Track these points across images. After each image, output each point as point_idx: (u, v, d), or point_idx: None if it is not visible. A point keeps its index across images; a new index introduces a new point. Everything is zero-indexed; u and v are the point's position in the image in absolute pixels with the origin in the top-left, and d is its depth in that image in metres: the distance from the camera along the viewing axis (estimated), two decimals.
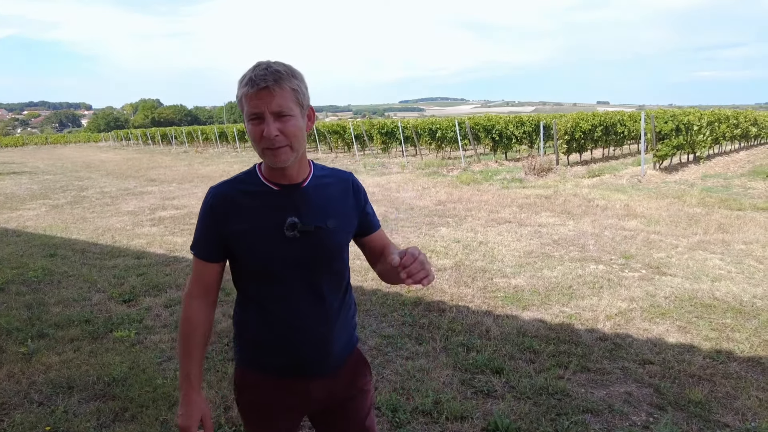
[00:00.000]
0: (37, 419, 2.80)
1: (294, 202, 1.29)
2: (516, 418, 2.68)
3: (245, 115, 1.21)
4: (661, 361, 3.27)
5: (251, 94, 1.17)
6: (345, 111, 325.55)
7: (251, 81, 1.17)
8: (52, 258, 6.24)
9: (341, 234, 1.35)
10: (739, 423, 2.61)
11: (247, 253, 1.29)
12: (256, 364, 1.38)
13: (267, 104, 1.17)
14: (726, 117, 15.45)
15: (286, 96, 1.18)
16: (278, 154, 1.21)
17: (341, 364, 1.41)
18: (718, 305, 4.14)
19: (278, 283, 1.30)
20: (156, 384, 3.13)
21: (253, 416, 1.43)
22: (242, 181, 1.32)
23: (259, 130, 1.19)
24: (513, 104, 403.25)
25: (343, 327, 1.40)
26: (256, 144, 1.22)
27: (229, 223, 1.28)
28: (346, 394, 1.44)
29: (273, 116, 1.18)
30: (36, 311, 4.43)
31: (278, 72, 1.17)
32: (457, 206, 8.88)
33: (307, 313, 1.32)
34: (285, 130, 1.19)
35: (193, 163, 21.10)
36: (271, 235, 1.27)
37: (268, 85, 1.16)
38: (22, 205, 11.01)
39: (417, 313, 4.17)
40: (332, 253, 1.33)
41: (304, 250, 1.28)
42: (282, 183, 1.29)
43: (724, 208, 7.99)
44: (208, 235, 1.32)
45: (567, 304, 4.29)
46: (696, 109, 15.47)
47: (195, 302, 1.36)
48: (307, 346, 1.33)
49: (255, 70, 1.18)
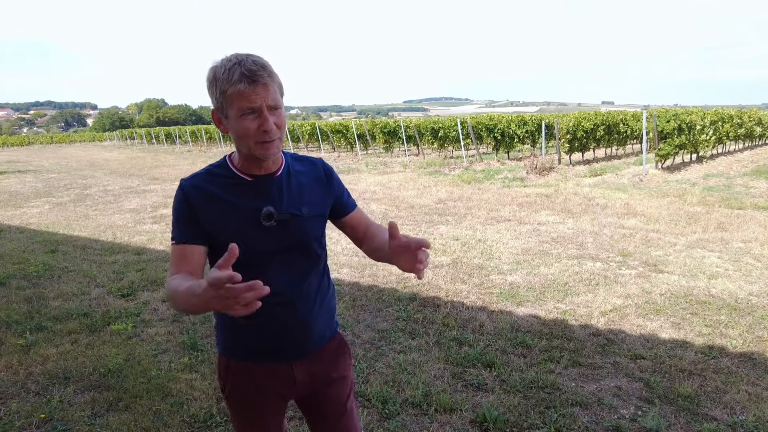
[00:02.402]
0: (32, 408, 2.84)
1: (269, 191, 1.31)
2: (505, 410, 2.70)
3: (235, 110, 1.19)
4: (653, 356, 3.28)
5: (246, 90, 1.16)
6: (349, 111, 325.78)
7: (245, 77, 1.16)
8: (53, 254, 6.31)
9: (316, 220, 1.38)
10: (727, 416, 2.62)
11: (225, 245, 1.29)
12: (238, 351, 1.41)
13: (264, 98, 1.18)
14: (730, 116, 15.38)
15: (276, 89, 1.21)
16: (272, 146, 1.24)
17: (322, 346, 1.44)
18: (713, 302, 4.14)
19: (257, 270, 1.31)
20: (150, 375, 3.16)
21: (239, 403, 1.45)
22: (215, 173, 1.32)
23: (255, 125, 1.20)
24: (517, 104, 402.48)
25: (322, 309, 1.42)
26: (248, 139, 1.21)
27: (206, 212, 1.28)
28: (328, 377, 1.47)
29: (269, 110, 1.20)
30: (35, 305, 4.48)
31: (267, 67, 1.20)
32: (458, 204, 8.89)
33: (287, 297, 1.34)
34: (278, 123, 1.22)
35: (197, 162, 21.20)
36: (248, 225, 1.28)
37: (265, 80, 1.18)
38: (26, 202, 11.11)
39: (412, 308, 4.19)
40: (309, 238, 1.36)
41: (282, 238, 1.31)
42: (256, 174, 1.31)
43: (725, 206, 7.96)
44: (186, 221, 1.29)
45: (562, 300, 4.30)
46: (699, 109, 15.40)
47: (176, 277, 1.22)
48: (287, 328, 1.36)
49: (242, 65, 1.17)
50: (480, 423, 2.60)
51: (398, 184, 11.77)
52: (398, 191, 10.77)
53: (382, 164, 16.41)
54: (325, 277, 1.45)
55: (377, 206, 9.00)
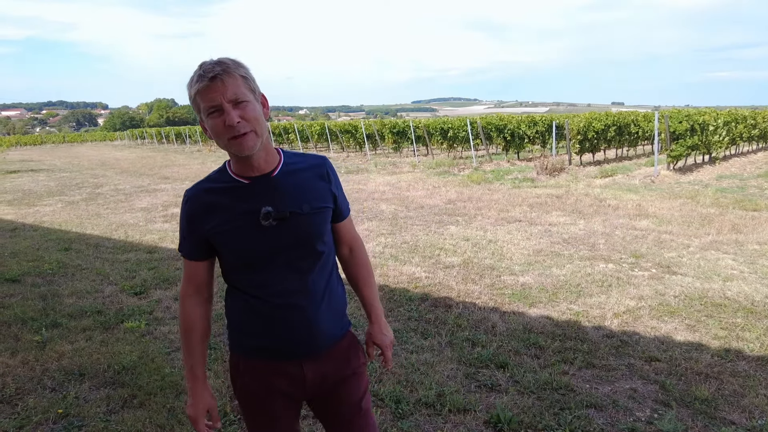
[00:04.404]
0: (49, 404, 2.87)
1: (266, 192, 1.30)
2: (519, 411, 2.68)
3: (203, 112, 1.22)
4: (668, 358, 3.24)
5: (203, 89, 1.19)
6: (357, 111, 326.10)
7: (201, 76, 1.19)
8: (66, 252, 6.37)
9: (319, 216, 1.36)
10: (745, 420, 2.59)
11: (228, 248, 1.32)
12: (248, 349, 1.41)
13: (222, 94, 1.19)
14: (743, 117, 15.18)
15: (238, 83, 1.21)
16: (244, 140, 1.22)
17: (332, 344, 1.42)
18: (728, 304, 4.09)
19: (262, 271, 1.33)
20: (164, 373, 3.18)
21: (250, 402, 1.44)
22: (214, 180, 1.34)
23: (221, 122, 1.20)
24: (527, 105, 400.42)
25: (330, 308, 1.40)
26: (221, 137, 1.23)
27: (206, 223, 1.31)
28: (339, 377, 1.45)
29: (231, 104, 1.20)
30: (50, 302, 4.53)
31: (224, 63, 1.21)
32: (467, 205, 8.86)
33: (292, 296, 1.34)
34: (245, 116, 1.21)
35: (207, 161, 21.32)
36: (248, 228, 1.29)
37: (219, 75, 1.18)
38: (39, 201, 11.24)
39: (423, 308, 4.19)
40: (311, 236, 1.35)
41: (283, 236, 1.30)
42: (251, 175, 1.31)
43: (739, 208, 7.87)
44: (189, 236, 1.36)
45: (574, 301, 4.27)
46: (712, 109, 15.22)
47: (189, 300, 1.41)
48: (294, 327, 1.35)
49: (201, 67, 1.21)
50: (494, 424, 2.58)
51: (407, 185, 11.76)
52: (407, 191, 10.75)
53: (391, 164, 16.41)
54: (332, 275, 1.43)
55: (386, 206, 8.99)
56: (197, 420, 1.41)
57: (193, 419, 1.41)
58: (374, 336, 1.57)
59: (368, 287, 1.58)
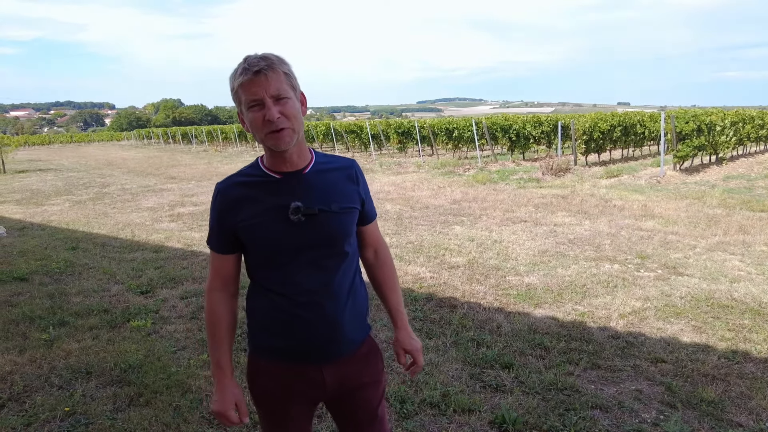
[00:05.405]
0: (56, 401, 2.89)
1: (296, 187, 1.32)
2: (524, 412, 2.68)
3: (244, 104, 1.24)
4: (674, 359, 3.23)
5: (247, 82, 1.20)
6: (363, 111, 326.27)
7: (246, 69, 1.21)
8: (73, 251, 6.42)
9: (346, 216, 1.37)
10: (753, 423, 2.57)
11: (256, 241, 1.33)
12: (268, 349, 1.39)
13: (265, 89, 1.20)
14: (751, 117, 15.07)
15: (280, 79, 1.22)
16: (282, 136, 1.24)
17: (353, 349, 1.41)
18: (735, 306, 4.07)
19: (287, 268, 1.33)
20: (170, 371, 3.20)
21: (267, 402, 1.44)
22: (246, 174, 1.36)
23: (261, 116, 1.22)
24: (532, 105, 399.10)
25: (354, 311, 1.40)
26: (259, 131, 1.25)
27: (236, 216, 1.32)
28: (358, 382, 1.44)
29: (272, 100, 1.21)
30: (58, 300, 4.57)
31: (269, 58, 1.22)
32: (473, 205, 8.85)
33: (316, 295, 1.33)
34: (285, 112, 1.23)
35: (213, 161, 21.42)
36: (277, 221, 1.30)
37: (263, 70, 1.20)
38: (47, 200, 11.33)
39: (428, 308, 4.19)
40: (338, 235, 1.35)
41: (310, 233, 1.31)
42: (283, 171, 1.32)
43: (746, 209, 7.81)
44: (219, 229, 1.37)
45: (580, 302, 4.25)
46: (719, 109, 15.12)
47: (216, 294, 1.41)
48: (317, 329, 1.34)
49: (246, 60, 1.22)
50: (499, 424, 2.58)
51: (412, 185, 11.75)
52: (412, 191, 10.75)
53: (396, 164, 16.41)
54: (356, 278, 1.43)
55: (392, 206, 9.00)
56: (226, 413, 1.37)
57: (221, 414, 1.38)
58: (403, 342, 1.54)
59: (394, 292, 1.57)
